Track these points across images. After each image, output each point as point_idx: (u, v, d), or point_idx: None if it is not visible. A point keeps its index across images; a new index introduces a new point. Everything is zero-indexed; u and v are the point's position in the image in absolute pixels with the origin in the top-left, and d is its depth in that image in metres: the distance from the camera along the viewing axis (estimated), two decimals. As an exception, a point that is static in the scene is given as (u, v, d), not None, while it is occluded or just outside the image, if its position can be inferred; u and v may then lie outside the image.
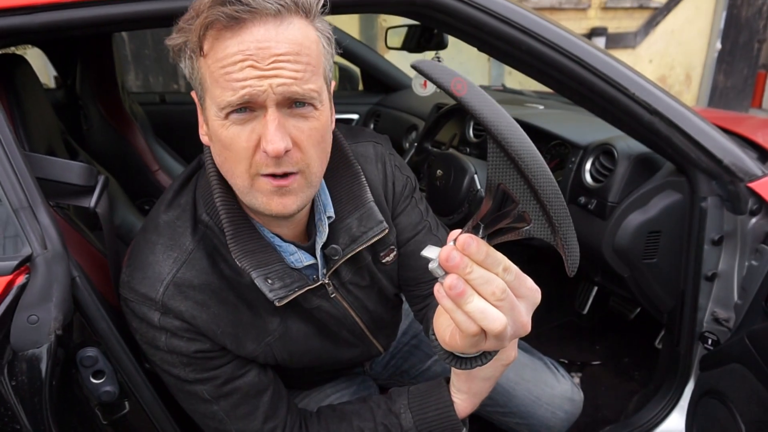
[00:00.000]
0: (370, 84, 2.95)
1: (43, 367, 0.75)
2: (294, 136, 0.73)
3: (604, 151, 1.48)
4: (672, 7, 7.18)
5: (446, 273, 0.53)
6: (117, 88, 1.99)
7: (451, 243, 0.53)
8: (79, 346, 0.86)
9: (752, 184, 1.21)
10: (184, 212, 0.86)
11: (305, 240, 0.92)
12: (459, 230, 0.54)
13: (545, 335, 2.22)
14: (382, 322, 1.07)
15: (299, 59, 0.70)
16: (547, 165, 0.48)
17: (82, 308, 0.84)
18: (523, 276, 0.56)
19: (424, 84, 1.90)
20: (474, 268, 0.52)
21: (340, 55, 0.85)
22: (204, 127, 0.80)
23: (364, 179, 0.93)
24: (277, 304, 0.84)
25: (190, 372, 0.86)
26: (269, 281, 0.82)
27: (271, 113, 0.70)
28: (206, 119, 0.77)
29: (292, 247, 0.88)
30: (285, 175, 0.74)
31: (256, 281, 0.82)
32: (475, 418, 1.00)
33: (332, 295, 0.94)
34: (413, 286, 1.04)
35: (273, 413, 0.92)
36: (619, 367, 2.05)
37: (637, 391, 1.74)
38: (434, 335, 0.65)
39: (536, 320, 0.59)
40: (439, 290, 0.54)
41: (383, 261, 0.99)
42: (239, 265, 0.81)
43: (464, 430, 0.91)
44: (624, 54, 6.95)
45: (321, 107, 0.75)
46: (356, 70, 2.97)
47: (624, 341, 2.15)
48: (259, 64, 0.68)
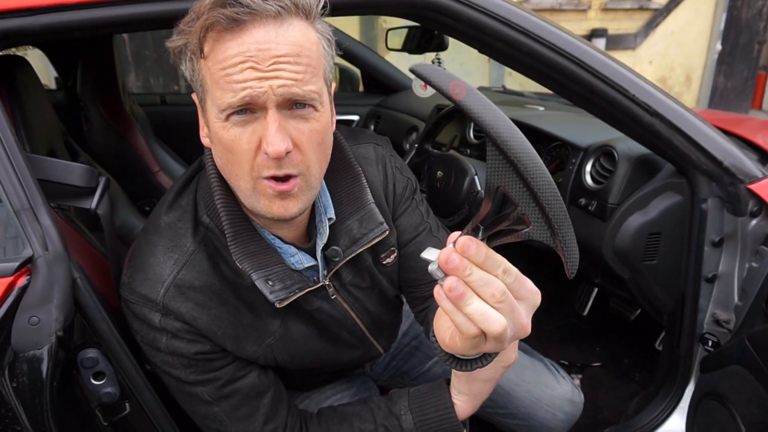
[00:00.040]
0: (371, 85, 2.95)
1: (44, 369, 0.75)
2: (294, 137, 0.73)
3: (605, 153, 1.48)
4: (672, 9, 7.19)
5: (446, 275, 0.53)
6: (118, 89, 1.99)
7: (450, 245, 0.53)
8: (80, 348, 0.86)
9: (752, 186, 1.21)
10: (185, 214, 0.86)
11: (306, 241, 0.92)
12: (458, 232, 0.54)
13: (545, 337, 2.21)
14: (383, 324, 1.07)
15: (299, 60, 0.70)
16: (548, 166, 0.48)
17: (83, 309, 0.84)
18: (523, 278, 0.56)
19: (425, 85, 1.90)
20: (474, 270, 0.52)
21: (340, 56, 0.85)
22: (205, 129, 0.80)
23: (365, 181, 0.93)
24: (278, 306, 0.84)
25: (190, 373, 0.86)
26: (270, 283, 0.82)
27: (272, 114, 0.70)
28: (207, 121, 0.77)
29: (293, 249, 0.88)
30: (286, 179, 0.74)
31: (256, 283, 0.82)
32: (475, 420, 1.00)
33: (333, 297, 0.94)
34: (414, 287, 1.04)
35: (273, 415, 0.92)
36: (620, 369, 2.05)
37: (638, 393, 1.74)
38: (434, 337, 0.65)
39: (536, 322, 0.59)
40: (438, 292, 0.54)
41: (384, 262, 0.99)
42: (240, 267, 0.81)
43: (464, 432, 0.91)
44: (624, 55, 6.95)
45: (321, 108, 0.75)
46: (356, 71, 2.97)
47: (624, 343, 2.14)
48: (260, 66, 0.68)
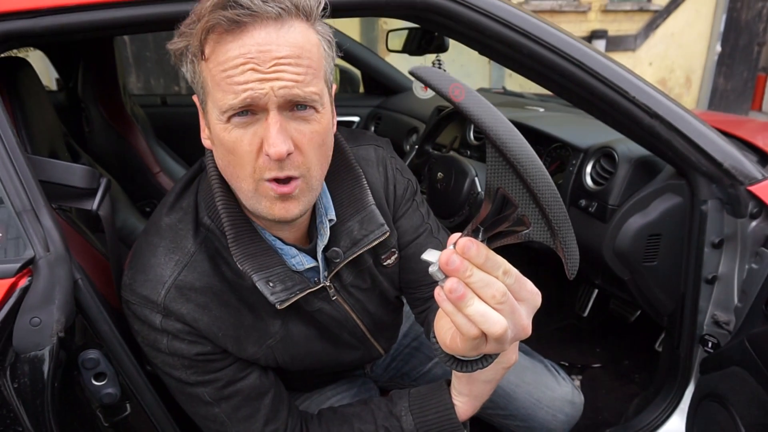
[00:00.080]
0: (371, 86, 2.95)
1: (45, 369, 0.76)
2: (295, 139, 0.73)
3: (605, 154, 1.49)
4: (672, 10, 7.20)
5: (447, 276, 0.53)
6: (118, 91, 1.99)
7: (451, 247, 0.53)
8: (81, 348, 0.86)
9: (752, 188, 1.21)
10: (186, 215, 0.86)
11: (306, 243, 0.92)
12: (459, 234, 0.54)
13: (545, 338, 2.21)
14: (383, 325, 1.07)
15: (300, 62, 0.70)
16: (548, 168, 0.48)
17: (84, 310, 0.84)
18: (524, 279, 0.57)
19: (425, 87, 1.90)
20: (474, 271, 0.52)
21: (340, 57, 0.85)
22: (206, 131, 0.80)
23: (366, 182, 0.93)
24: (279, 307, 0.84)
25: (191, 374, 0.86)
26: (270, 284, 0.83)
27: (273, 116, 0.70)
28: (208, 123, 0.77)
29: (294, 250, 0.88)
30: (287, 181, 0.74)
31: (257, 284, 0.82)
32: (475, 421, 1.00)
33: (333, 298, 0.95)
34: (414, 288, 1.04)
35: (274, 416, 0.92)
36: (620, 370, 2.05)
37: (638, 394, 1.74)
38: (435, 338, 0.66)
39: (536, 323, 0.59)
40: (439, 293, 0.54)
41: (384, 264, 0.99)
42: (241, 268, 0.82)
43: (464, 433, 0.91)
44: (624, 57, 6.96)
45: (322, 110, 0.75)
46: (357, 72, 2.98)
47: (624, 344, 2.14)
48: (261, 67, 0.68)
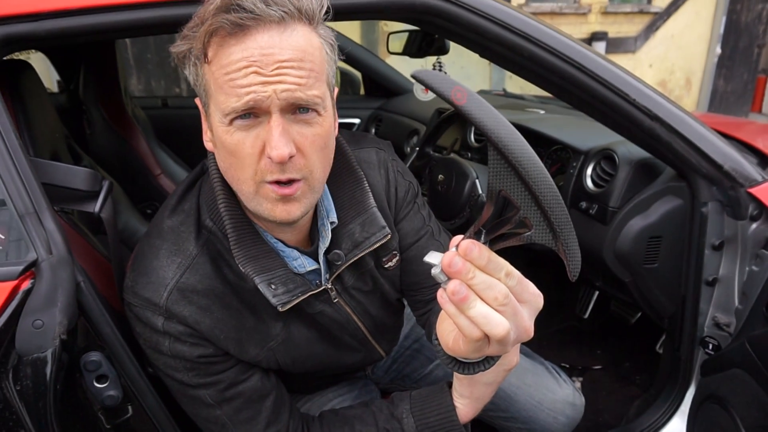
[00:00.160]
0: (372, 88, 2.96)
1: (48, 372, 0.76)
2: (297, 141, 0.73)
3: (605, 156, 1.49)
4: (672, 12, 7.21)
5: (449, 278, 0.53)
6: (120, 93, 1.99)
7: (453, 249, 0.53)
8: (83, 351, 0.86)
9: (752, 190, 1.21)
10: (188, 217, 0.86)
11: (308, 245, 0.92)
12: (461, 236, 0.54)
13: (546, 340, 2.21)
14: (384, 327, 1.08)
15: (303, 65, 0.71)
16: (548, 170, 0.48)
17: (86, 313, 0.85)
18: (526, 281, 0.57)
19: (426, 89, 1.91)
20: (476, 273, 0.52)
21: (342, 60, 0.86)
22: (208, 134, 0.81)
23: (367, 185, 0.93)
24: (280, 310, 0.84)
25: (193, 376, 0.86)
26: (272, 286, 0.83)
27: (275, 119, 0.71)
28: (210, 126, 0.77)
29: (296, 253, 0.89)
30: (289, 183, 0.74)
31: (259, 286, 0.82)
32: (476, 423, 1.00)
33: (335, 300, 0.95)
34: (415, 290, 1.04)
35: (275, 418, 0.92)
36: (620, 372, 2.05)
37: (638, 396, 1.74)
38: (437, 340, 0.66)
39: (537, 325, 0.59)
40: (442, 296, 0.54)
41: (386, 266, 0.99)
42: (243, 271, 0.82)
43: (466, 435, 0.91)
44: (624, 58, 6.97)
45: (324, 113, 0.75)
46: (358, 74, 2.99)
47: (625, 346, 2.15)
48: (263, 71, 0.68)
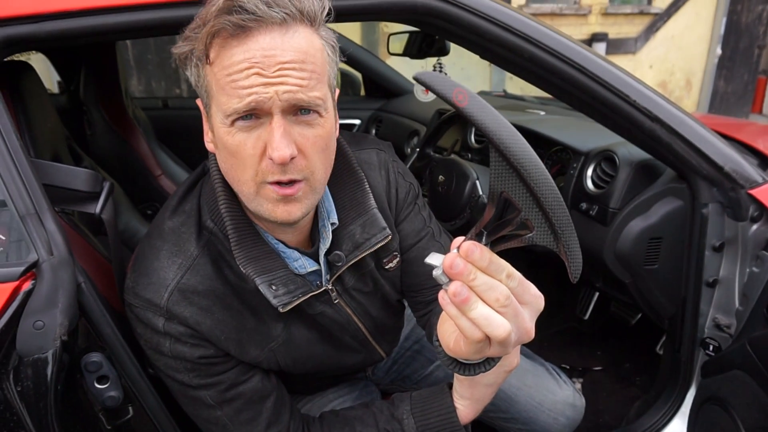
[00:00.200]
0: (372, 89, 2.96)
1: (49, 373, 0.75)
2: (299, 143, 0.73)
3: (606, 158, 1.49)
4: (672, 13, 7.22)
5: (450, 280, 0.53)
6: (120, 94, 2.00)
7: (454, 250, 0.53)
8: (84, 352, 0.86)
9: (753, 191, 1.21)
10: (189, 218, 0.87)
11: (309, 246, 0.92)
12: (462, 237, 0.55)
13: (547, 341, 2.21)
14: (385, 328, 1.08)
15: (304, 67, 0.71)
16: (549, 171, 0.48)
17: (87, 314, 0.85)
18: (527, 282, 0.57)
19: (426, 90, 1.91)
20: (478, 275, 0.52)
21: (343, 61, 0.86)
22: (209, 135, 0.81)
23: (368, 186, 0.93)
24: (281, 311, 0.84)
25: (194, 377, 0.86)
26: (273, 287, 0.83)
27: (277, 120, 0.71)
28: (212, 127, 0.77)
29: (296, 254, 0.89)
30: (290, 183, 0.74)
31: (260, 287, 0.82)
32: (477, 424, 1.00)
33: (335, 301, 0.95)
34: (416, 292, 1.04)
35: (276, 419, 0.92)
36: (621, 373, 2.05)
37: (639, 397, 1.74)
38: (438, 341, 0.66)
39: (538, 326, 0.59)
40: (443, 297, 0.55)
41: (386, 267, 1.00)
42: (243, 271, 0.82)
43: (466, 436, 0.91)
44: (624, 59, 6.97)
45: (326, 114, 0.75)
46: (358, 75, 2.99)
47: (625, 347, 2.14)
48: (265, 72, 0.69)
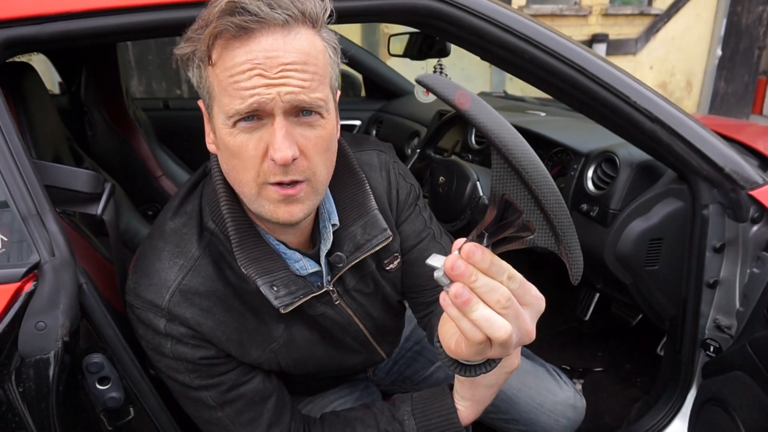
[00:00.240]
0: (373, 90, 2.96)
1: (50, 374, 0.76)
2: (301, 144, 0.73)
3: (606, 159, 1.49)
4: (672, 14, 7.22)
5: (451, 281, 0.54)
6: (121, 94, 2.00)
7: (455, 252, 0.53)
8: (86, 353, 0.86)
9: (753, 192, 1.21)
10: (190, 219, 0.87)
11: (310, 247, 0.92)
12: (463, 239, 0.55)
13: (547, 342, 2.21)
14: (386, 329, 1.08)
15: (306, 68, 0.71)
16: (549, 172, 0.49)
17: (88, 315, 0.85)
18: (528, 284, 0.57)
19: (427, 91, 1.91)
20: (479, 276, 0.52)
21: (344, 62, 0.86)
22: (211, 136, 0.81)
23: (369, 187, 0.93)
24: (282, 311, 0.84)
25: (195, 378, 0.86)
26: (275, 288, 0.83)
27: (279, 121, 0.71)
28: (213, 128, 0.78)
29: (297, 255, 0.89)
30: (292, 184, 0.75)
31: (261, 288, 0.82)
32: (477, 425, 1.00)
33: (336, 302, 0.95)
34: (417, 293, 1.04)
35: (277, 420, 0.92)
36: (621, 374, 2.05)
37: (640, 398, 1.74)
38: (439, 343, 0.66)
39: (538, 327, 0.59)
40: (444, 298, 0.55)
41: (387, 268, 1.00)
42: (245, 273, 0.82)
43: (467, 437, 0.91)
44: (625, 60, 6.97)
45: (327, 116, 0.76)
46: (358, 76, 2.99)
47: (626, 348, 2.14)
48: (267, 73, 0.69)
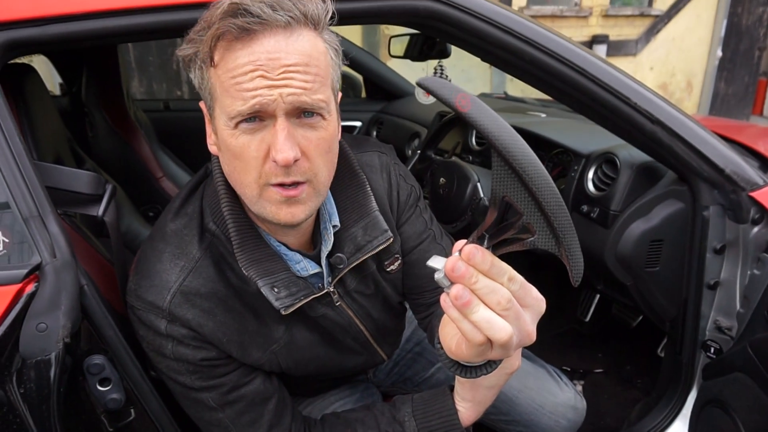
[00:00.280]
0: (373, 91, 2.96)
1: (51, 375, 0.76)
2: (302, 145, 0.74)
3: (607, 160, 1.49)
4: (673, 15, 7.22)
5: (452, 283, 0.54)
6: (122, 96, 2.00)
7: (456, 253, 0.53)
8: (86, 354, 0.86)
9: (754, 193, 1.21)
10: (192, 221, 0.87)
11: (311, 249, 0.92)
12: (464, 240, 0.55)
13: (547, 343, 2.21)
14: (386, 330, 1.08)
15: (308, 70, 0.71)
16: (549, 173, 0.49)
17: (89, 316, 0.85)
18: (528, 285, 0.57)
19: (427, 93, 1.91)
20: (479, 278, 0.53)
21: (346, 65, 0.86)
22: (212, 137, 0.81)
23: (369, 189, 0.94)
24: (283, 313, 0.85)
25: (196, 379, 0.87)
26: (275, 290, 0.83)
27: (281, 123, 0.71)
28: (215, 129, 0.78)
29: (298, 256, 0.89)
30: (294, 185, 0.75)
31: (262, 290, 0.82)
32: (478, 426, 1.01)
33: (337, 303, 0.95)
34: (417, 294, 1.04)
35: (278, 421, 0.93)
36: (622, 375, 2.05)
37: (640, 399, 1.74)
38: (440, 344, 0.66)
39: (539, 328, 0.59)
40: (445, 300, 0.55)
41: (388, 269, 1.00)
42: (246, 274, 0.82)
43: (468, 438, 0.91)
44: (625, 61, 6.97)
45: (329, 117, 0.76)
46: (359, 77, 2.99)
47: (626, 349, 2.14)
48: (269, 75, 0.69)
